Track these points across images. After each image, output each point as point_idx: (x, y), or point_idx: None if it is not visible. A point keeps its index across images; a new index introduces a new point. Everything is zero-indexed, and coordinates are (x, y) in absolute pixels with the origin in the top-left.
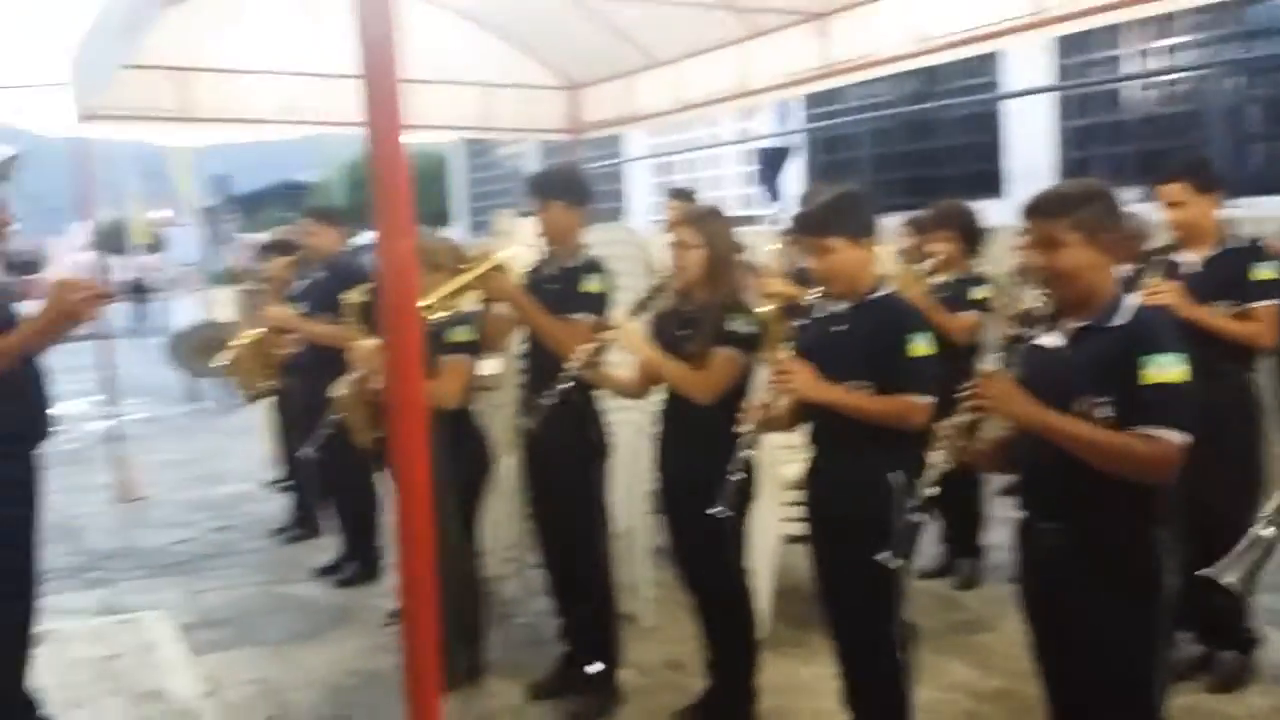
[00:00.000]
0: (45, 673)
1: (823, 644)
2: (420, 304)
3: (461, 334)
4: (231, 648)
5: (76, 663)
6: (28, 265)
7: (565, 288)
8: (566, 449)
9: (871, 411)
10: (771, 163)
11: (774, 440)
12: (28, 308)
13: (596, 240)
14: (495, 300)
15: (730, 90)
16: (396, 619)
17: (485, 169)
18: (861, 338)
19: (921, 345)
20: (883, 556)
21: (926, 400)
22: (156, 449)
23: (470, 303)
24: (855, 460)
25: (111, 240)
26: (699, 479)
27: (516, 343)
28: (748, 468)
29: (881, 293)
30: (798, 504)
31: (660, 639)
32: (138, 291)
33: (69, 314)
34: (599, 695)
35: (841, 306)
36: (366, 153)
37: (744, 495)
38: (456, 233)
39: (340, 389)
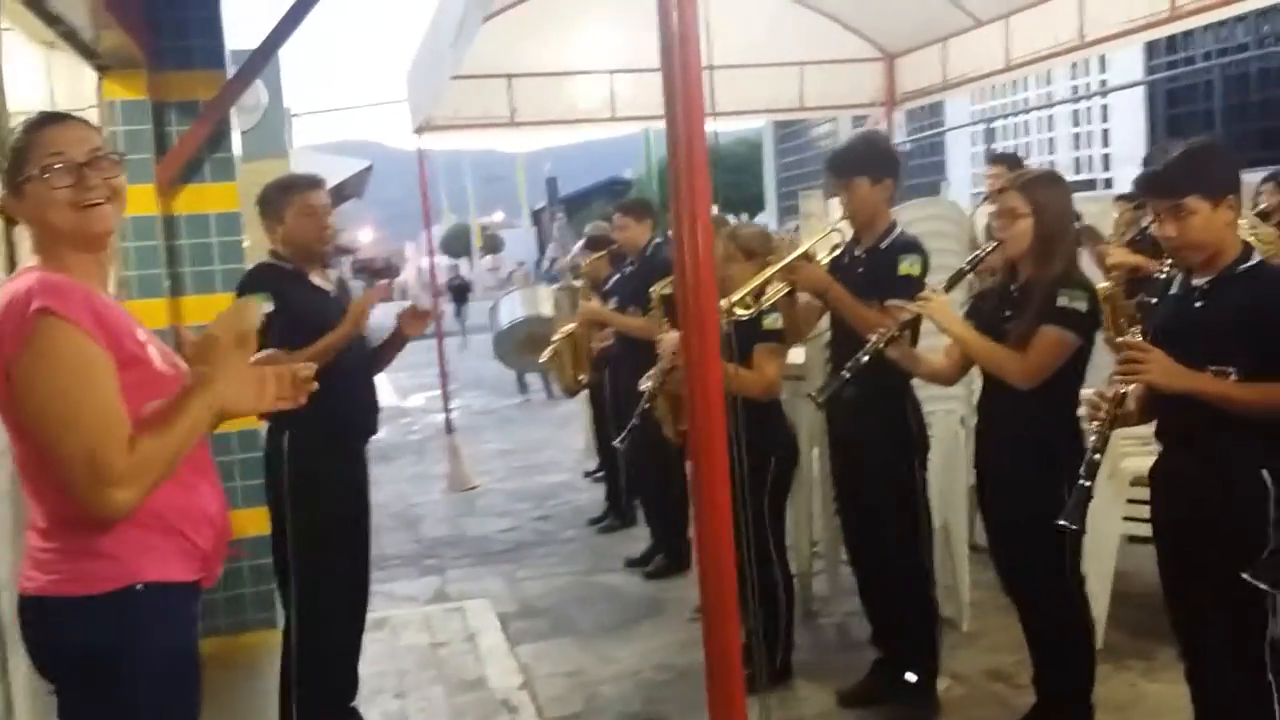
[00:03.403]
0: (380, 659)
1: (1167, 656)
2: (732, 300)
3: (773, 321)
4: (546, 638)
5: (406, 650)
6: (381, 271)
7: (876, 270)
8: (881, 440)
9: (1245, 401)
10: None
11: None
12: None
13: (914, 217)
14: (805, 291)
15: (1065, 43)
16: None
17: (794, 152)
18: (1229, 316)
19: None
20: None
21: None
22: (488, 439)
23: (777, 293)
24: (1215, 456)
25: (456, 244)
26: (1021, 475)
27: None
28: (1095, 472)
29: (1251, 262)
30: (1142, 502)
31: (981, 646)
32: (458, 290)
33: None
34: (914, 705)
35: (1201, 280)
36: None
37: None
38: (765, 219)
39: (648, 381)
